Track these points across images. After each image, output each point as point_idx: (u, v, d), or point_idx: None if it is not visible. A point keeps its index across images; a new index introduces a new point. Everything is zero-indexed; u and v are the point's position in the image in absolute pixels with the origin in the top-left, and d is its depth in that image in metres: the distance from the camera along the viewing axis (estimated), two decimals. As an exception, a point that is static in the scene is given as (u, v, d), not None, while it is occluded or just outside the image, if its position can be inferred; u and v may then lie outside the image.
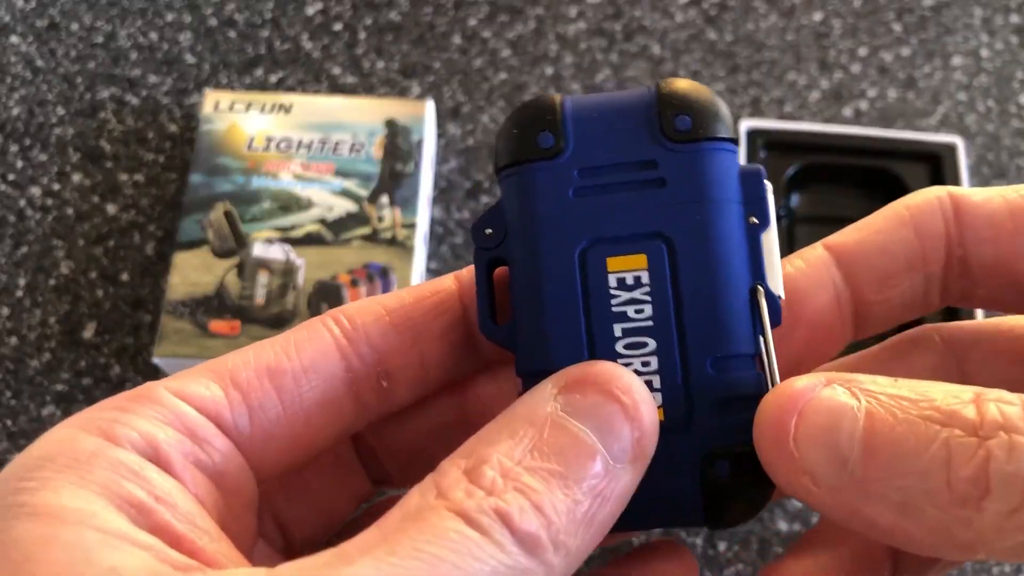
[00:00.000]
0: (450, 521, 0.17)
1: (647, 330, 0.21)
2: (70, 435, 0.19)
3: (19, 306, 0.54)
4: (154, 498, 0.18)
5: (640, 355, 0.21)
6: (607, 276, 0.21)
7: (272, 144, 0.54)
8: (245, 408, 0.21)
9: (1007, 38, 0.62)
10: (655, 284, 0.21)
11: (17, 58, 0.62)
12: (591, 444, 0.19)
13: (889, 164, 0.54)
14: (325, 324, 0.22)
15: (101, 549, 0.17)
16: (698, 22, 0.63)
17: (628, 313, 0.21)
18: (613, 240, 0.21)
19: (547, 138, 0.21)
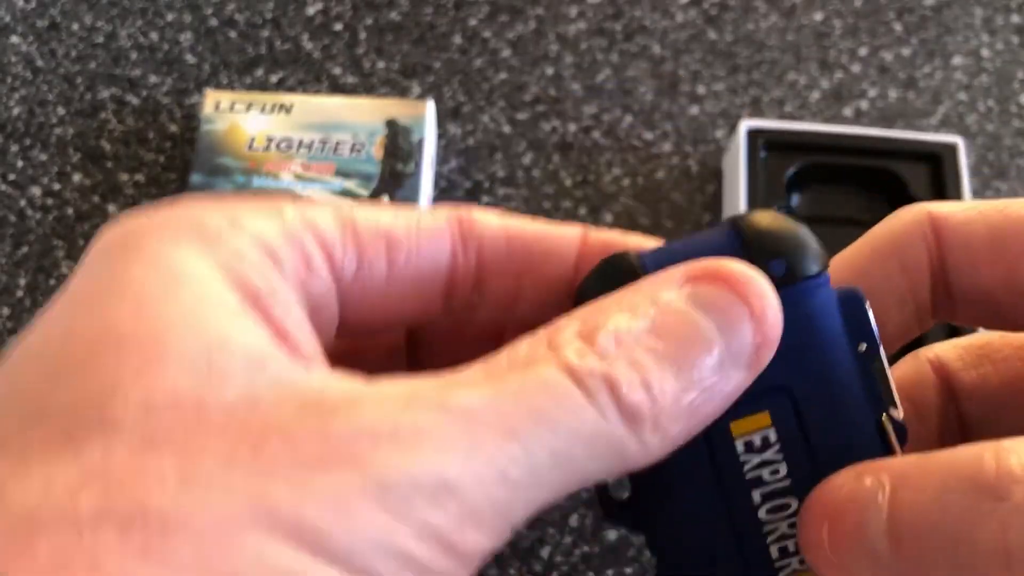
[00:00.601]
0: (559, 376, 0.17)
1: (786, 490, 0.20)
2: (197, 210, 0.19)
3: (19, 306, 0.54)
4: (270, 290, 0.18)
5: (785, 517, 0.20)
6: (734, 443, 0.20)
7: (273, 144, 0.54)
8: (355, 258, 0.21)
9: (1008, 38, 0.62)
10: (784, 440, 0.20)
11: (17, 58, 0.62)
12: (711, 337, 0.18)
13: (890, 164, 0.54)
14: (452, 218, 0.22)
15: (220, 317, 0.17)
16: (698, 22, 0.63)
17: (763, 476, 0.20)
18: (731, 404, 0.20)
19: None
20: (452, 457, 0.16)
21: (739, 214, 0.22)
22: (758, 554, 0.20)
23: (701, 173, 0.58)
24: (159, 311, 0.17)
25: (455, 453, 0.16)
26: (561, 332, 0.18)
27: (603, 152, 0.58)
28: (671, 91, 0.60)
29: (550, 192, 0.57)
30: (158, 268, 0.17)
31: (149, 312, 0.17)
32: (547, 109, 0.60)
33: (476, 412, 0.16)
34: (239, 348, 0.17)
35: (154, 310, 0.17)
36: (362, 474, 0.15)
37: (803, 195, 0.55)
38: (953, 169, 0.53)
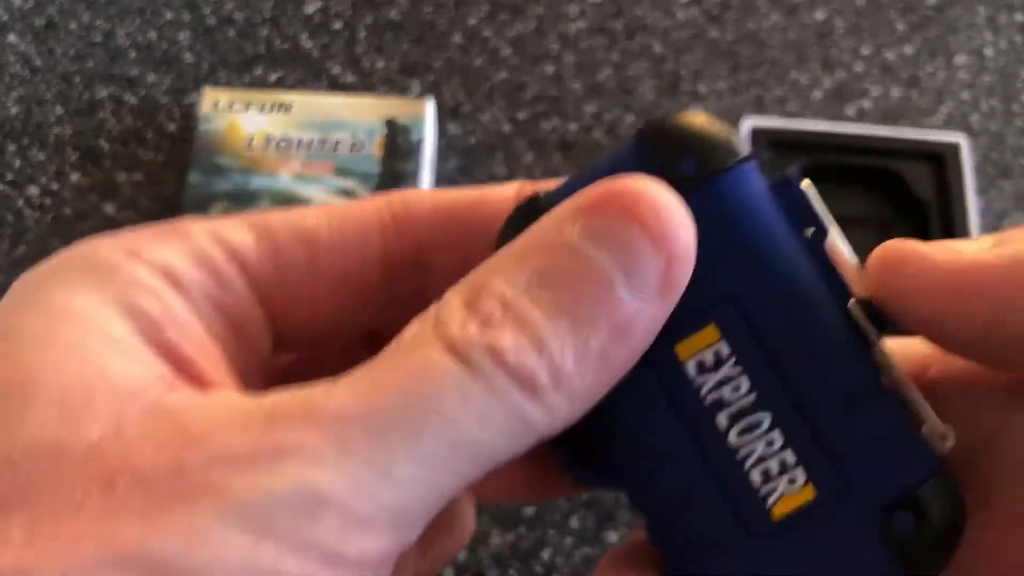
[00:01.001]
0: (439, 355, 0.16)
1: (754, 405, 0.18)
2: (93, 247, 0.19)
3: (17, 306, 0.54)
4: (166, 315, 0.18)
5: (759, 436, 0.18)
6: (683, 366, 0.18)
7: (271, 143, 0.54)
8: (274, 265, 0.20)
9: (1011, 36, 0.62)
10: (739, 352, 0.18)
11: (15, 57, 0.61)
12: (606, 273, 0.17)
13: (892, 163, 0.53)
14: (377, 203, 0.21)
15: (99, 350, 0.17)
16: (700, 21, 0.62)
17: (724, 396, 0.18)
18: (670, 324, 0.18)
19: None
20: (321, 468, 0.15)
21: (647, 120, 0.21)
22: (738, 485, 0.18)
23: (703, 172, 0.57)
24: (33, 357, 0.16)
25: (324, 463, 0.15)
26: (448, 304, 0.17)
27: (604, 151, 0.58)
28: (672, 90, 0.60)
29: (551, 191, 0.57)
30: (40, 311, 0.17)
31: (22, 358, 0.16)
32: (548, 108, 0.59)
33: (348, 416, 0.16)
34: (113, 383, 0.16)
35: (28, 356, 0.16)
36: (218, 501, 0.15)
37: (805, 194, 0.54)
38: (956, 168, 0.53)
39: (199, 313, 0.19)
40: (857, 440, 0.18)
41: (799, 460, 0.18)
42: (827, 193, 0.59)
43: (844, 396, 0.18)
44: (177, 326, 0.18)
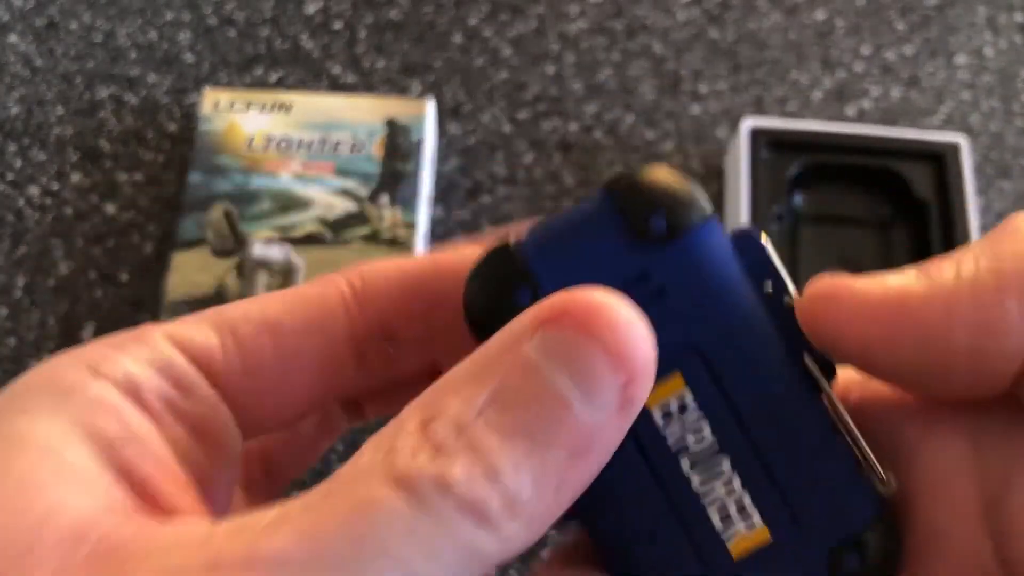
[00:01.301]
0: (385, 491, 0.15)
1: (715, 452, 0.19)
2: (56, 366, 0.19)
3: (18, 306, 0.54)
4: (126, 435, 0.18)
5: (720, 480, 0.19)
6: (650, 413, 0.19)
7: (272, 143, 0.54)
8: (240, 361, 0.20)
9: (1011, 36, 0.62)
10: (702, 401, 0.19)
11: (16, 57, 0.61)
12: (564, 394, 0.16)
13: (892, 163, 0.53)
14: (336, 281, 0.21)
15: (51, 483, 0.16)
16: (700, 21, 0.62)
17: (688, 443, 0.19)
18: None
19: (524, 294, 0.19)
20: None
21: (614, 174, 0.21)
22: (700, 525, 0.19)
23: (703, 172, 0.57)
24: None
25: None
26: (403, 428, 0.17)
27: (604, 151, 0.58)
28: (673, 90, 0.60)
29: (551, 192, 0.57)
30: (2, 447, 0.17)
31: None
32: (548, 108, 0.59)
33: (288, 559, 0.15)
34: (62, 523, 0.16)
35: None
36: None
37: (805, 195, 0.54)
38: (956, 168, 0.53)
39: (161, 425, 0.19)
40: (808, 485, 0.19)
41: (755, 503, 0.19)
42: (827, 193, 0.59)
43: (797, 443, 0.19)
44: (137, 444, 0.18)
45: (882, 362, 0.18)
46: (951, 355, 0.17)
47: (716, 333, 0.19)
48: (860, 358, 0.18)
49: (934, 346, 0.17)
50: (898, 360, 0.18)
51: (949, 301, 0.17)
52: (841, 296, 0.18)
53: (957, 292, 0.17)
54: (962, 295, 0.17)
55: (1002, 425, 0.18)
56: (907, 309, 0.17)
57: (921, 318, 0.17)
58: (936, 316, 0.17)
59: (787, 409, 0.19)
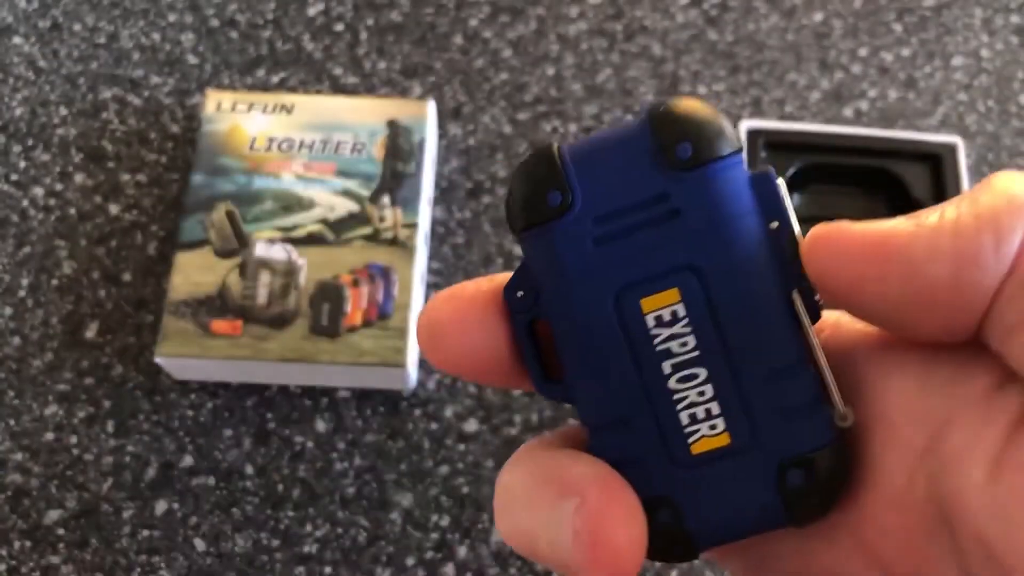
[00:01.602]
0: None
1: (695, 361, 0.21)
2: None
3: (22, 306, 0.54)
4: None
5: (694, 386, 0.21)
6: (644, 318, 0.21)
7: (274, 144, 0.54)
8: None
9: (1007, 38, 0.62)
10: (692, 315, 0.21)
11: (20, 59, 0.62)
12: None
13: (889, 164, 0.54)
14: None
15: None
16: (699, 22, 0.63)
17: (672, 349, 0.21)
18: (642, 281, 0.21)
19: (555, 196, 0.21)
20: None
21: (656, 101, 0.23)
22: (670, 420, 0.21)
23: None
24: None
25: None
26: None
27: (603, 152, 0.58)
28: (672, 91, 0.60)
29: (551, 192, 0.57)
30: None
31: None
32: (548, 109, 0.60)
33: None
34: None
35: None
36: None
37: (803, 195, 0.55)
38: (953, 169, 0.53)
39: None
40: (773, 405, 0.21)
41: (722, 411, 0.21)
42: (824, 194, 0.60)
43: (770, 366, 0.21)
44: None
45: (870, 297, 0.19)
46: (932, 288, 0.18)
47: (717, 258, 0.21)
48: (851, 294, 0.20)
49: (918, 279, 0.18)
50: (885, 294, 0.19)
51: (932, 237, 0.18)
52: (838, 236, 0.20)
53: (939, 229, 0.18)
54: (944, 232, 0.18)
55: (951, 370, 0.19)
56: (895, 246, 0.19)
57: (907, 254, 0.19)
58: (921, 251, 0.18)
59: (767, 334, 0.21)
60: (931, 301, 0.18)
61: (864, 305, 0.20)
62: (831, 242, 0.20)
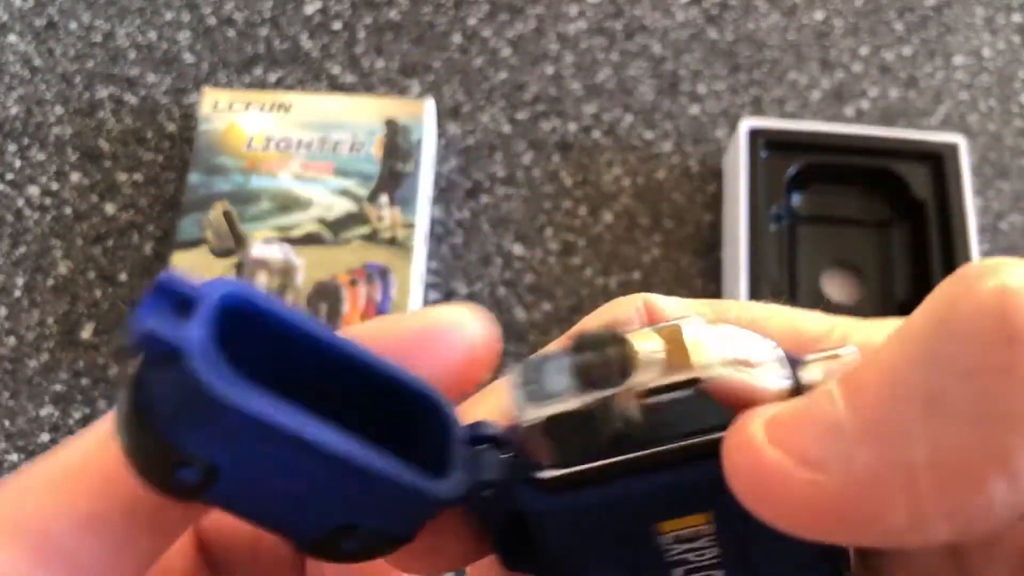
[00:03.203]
0: None
1: (713, 566, 0.18)
2: None
3: (17, 306, 0.54)
4: None
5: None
6: (660, 537, 0.18)
7: (271, 143, 0.54)
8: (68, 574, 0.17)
9: (1009, 37, 0.62)
10: (722, 535, 0.18)
11: (15, 57, 0.61)
12: None
13: (891, 164, 0.54)
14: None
15: None
16: (699, 21, 0.62)
17: (689, 559, 0.18)
18: (664, 506, 0.17)
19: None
20: None
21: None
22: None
23: (701, 173, 0.58)
24: None
25: None
26: None
27: (603, 152, 0.58)
28: (671, 90, 0.60)
29: (550, 192, 0.57)
30: None
31: None
32: (547, 108, 0.59)
33: None
34: None
35: None
36: None
37: (804, 195, 0.54)
38: (954, 169, 0.53)
39: None
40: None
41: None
42: (825, 193, 0.59)
43: (795, 563, 0.18)
44: None
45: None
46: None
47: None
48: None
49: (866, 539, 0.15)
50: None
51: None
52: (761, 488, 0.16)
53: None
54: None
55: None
56: (828, 512, 0.15)
57: (845, 520, 0.15)
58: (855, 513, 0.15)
59: (797, 545, 0.18)
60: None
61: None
62: (772, 496, 0.15)
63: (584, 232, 0.56)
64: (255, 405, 0.15)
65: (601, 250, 0.55)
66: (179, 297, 0.15)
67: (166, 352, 0.14)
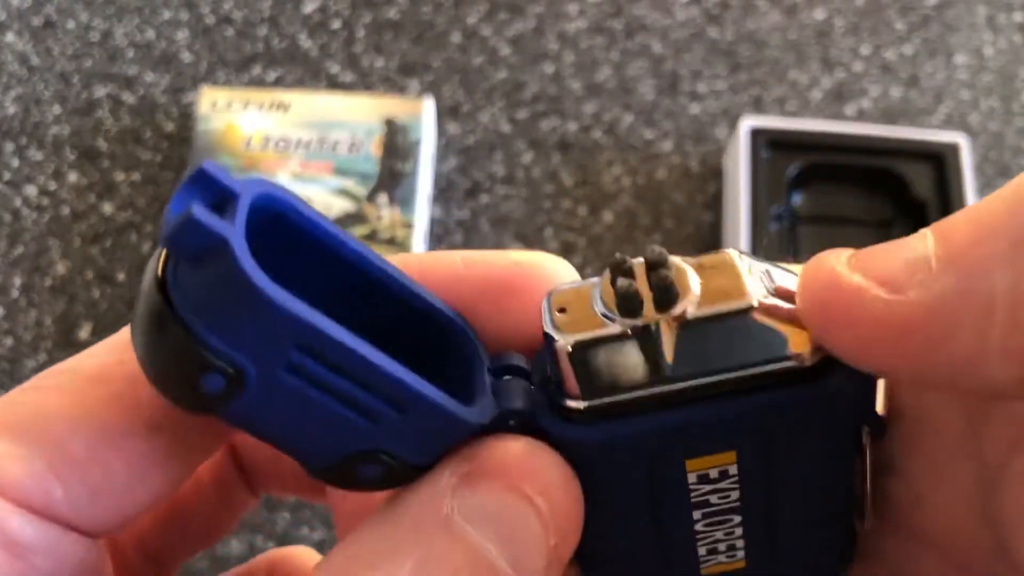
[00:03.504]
0: None
1: (732, 510, 0.18)
2: None
3: (15, 306, 0.54)
4: None
5: (723, 527, 0.18)
6: (686, 475, 0.17)
7: (270, 143, 0.54)
8: (84, 488, 0.16)
9: (1011, 36, 0.62)
10: (744, 475, 0.17)
11: (13, 56, 0.61)
12: (491, 562, 0.15)
13: (892, 163, 0.53)
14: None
15: None
16: (699, 20, 0.62)
17: (711, 500, 0.18)
18: (692, 443, 0.17)
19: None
20: None
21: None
22: (683, 552, 0.19)
23: (702, 172, 0.57)
24: None
25: None
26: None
27: (603, 151, 0.58)
28: (672, 90, 0.60)
29: (550, 191, 0.57)
30: None
31: None
32: (547, 108, 0.59)
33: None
34: None
35: None
36: None
37: (805, 194, 0.54)
38: (956, 168, 0.53)
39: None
40: (802, 543, 0.19)
41: (746, 546, 0.19)
42: (826, 193, 0.59)
43: (813, 516, 0.18)
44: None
45: (902, 378, 0.16)
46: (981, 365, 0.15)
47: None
48: (873, 369, 0.16)
49: (943, 358, 0.15)
50: (918, 376, 0.16)
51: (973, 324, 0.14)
52: (848, 312, 0.15)
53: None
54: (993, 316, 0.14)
55: (1003, 409, 0.17)
56: (916, 329, 0.15)
57: (930, 335, 0.15)
58: (940, 328, 0.15)
59: (823, 494, 0.18)
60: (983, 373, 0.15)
61: (895, 379, 0.17)
62: (843, 316, 0.15)
63: (584, 232, 0.56)
64: (296, 305, 0.14)
65: (601, 250, 0.55)
66: (218, 189, 0.14)
67: (210, 243, 0.13)
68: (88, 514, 0.16)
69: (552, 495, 0.16)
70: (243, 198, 0.14)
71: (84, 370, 0.17)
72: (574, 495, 0.16)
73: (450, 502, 0.15)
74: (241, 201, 0.14)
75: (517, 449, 0.16)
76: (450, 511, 0.15)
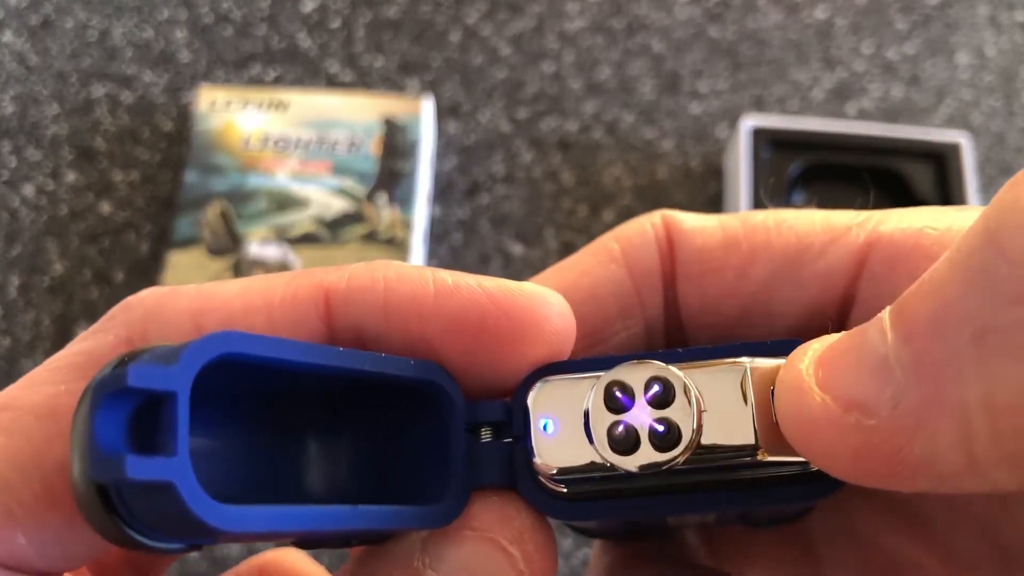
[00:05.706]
0: None
1: (707, 521, 0.20)
2: None
3: (13, 306, 0.54)
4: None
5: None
6: (665, 518, 0.19)
7: (268, 142, 0.54)
8: (48, 531, 0.16)
9: (1012, 35, 0.61)
10: (720, 517, 0.19)
11: (11, 55, 0.61)
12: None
13: (893, 162, 0.53)
14: (315, 283, 0.18)
15: None
16: (700, 19, 0.62)
17: (687, 520, 0.20)
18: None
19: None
20: None
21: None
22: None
23: (703, 172, 0.57)
24: None
25: None
26: None
27: (604, 151, 0.58)
28: (672, 89, 0.60)
29: (550, 191, 0.56)
30: None
31: None
32: (547, 107, 0.59)
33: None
34: None
35: None
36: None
37: (806, 193, 0.54)
38: (957, 167, 0.52)
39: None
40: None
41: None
42: (827, 192, 0.59)
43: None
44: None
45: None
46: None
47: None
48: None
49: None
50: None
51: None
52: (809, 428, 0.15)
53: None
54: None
55: None
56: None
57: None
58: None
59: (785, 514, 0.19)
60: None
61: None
62: (825, 448, 0.15)
63: (584, 231, 0.55)
64: (247, 524, 0.14)
65: (601, 250, 0.55)
66: (148, 396, 0.13)
67: (152, 484, 0.13)
68: (56, 554, 0.16)
69: (525, 543, 0.16)
70: (181, 396, 0.13)
71: (28, 406, 0.16)
72: (547, 541, 0.16)
73: (421, 556, 0.15)
74: (180, 401, 0.13)
75: (487, 500, 0.16)
76: (422, 565, 0.15)
